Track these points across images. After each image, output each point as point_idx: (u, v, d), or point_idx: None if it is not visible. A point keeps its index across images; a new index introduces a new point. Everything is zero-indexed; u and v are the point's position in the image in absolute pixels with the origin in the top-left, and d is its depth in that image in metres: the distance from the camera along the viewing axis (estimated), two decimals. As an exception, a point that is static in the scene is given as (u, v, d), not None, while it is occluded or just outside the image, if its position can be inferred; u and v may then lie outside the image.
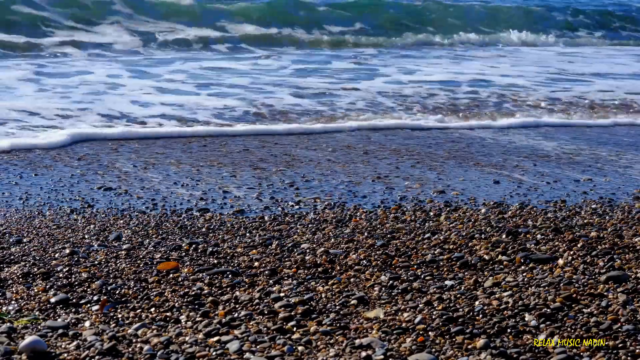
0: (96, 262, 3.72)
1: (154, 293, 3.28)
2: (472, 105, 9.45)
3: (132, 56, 13.56)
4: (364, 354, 2.57)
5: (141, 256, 3.83)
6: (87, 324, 2.96)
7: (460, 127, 8.20)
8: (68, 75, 10.57)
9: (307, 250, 3.88)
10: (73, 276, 3.51)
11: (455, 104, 9.45)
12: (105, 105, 8.48)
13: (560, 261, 3.52)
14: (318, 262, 3.67)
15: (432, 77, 11.57)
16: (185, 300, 3.18)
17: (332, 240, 4.10)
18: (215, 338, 2.74)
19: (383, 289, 3.25)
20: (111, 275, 3.53)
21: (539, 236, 4.01)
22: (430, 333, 2.73)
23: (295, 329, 2.84)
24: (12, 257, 3.82)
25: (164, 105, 8.64)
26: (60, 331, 2.83)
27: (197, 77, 10.90)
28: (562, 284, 3.15)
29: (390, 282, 3.32)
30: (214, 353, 2.62)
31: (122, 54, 13.68)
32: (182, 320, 2.97)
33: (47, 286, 3.38)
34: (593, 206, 4.94)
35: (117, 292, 3.31)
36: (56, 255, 3.85)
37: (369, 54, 14.81)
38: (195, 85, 10.17)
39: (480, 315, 2.86)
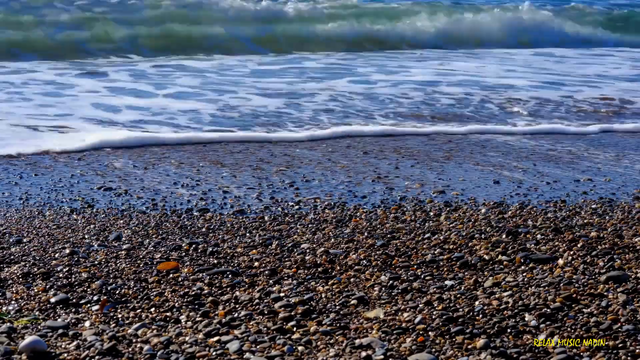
0: (96, 262, 3.72)
1: (154, 293, 3.28)
2: (465, 107, 9.46)
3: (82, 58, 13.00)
4: (364, 354, 2.57)
5: (141, 256, 3.83)
6: (87, 324, 2.96)
7: (458, 131, 8.20)
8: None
9: (307, 250, 3.88)
10: (73, 276, 3.51)
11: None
12: (82, 111, 8.12)
13: (560, 261, 3.52)
14: (318, 262, 3.67)
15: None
16: (185, 300, 3.18)
17: (332, 240, 4.10)
18: (215, 338, 2.74)
19: (383, 289, 3.25)
20: (111, 275, 3.53)
21: (539, 236, 4.01)
22: (430, 333, 2.73)
23: (295, 329, 2.84)
24: (12, 257, 3.82)
25: (135, 109, 8.30)
26: (60, 331, 2.84)
27: (151, 77, 10.48)
28: (562, 284, 3.15)
29: (390, 282, 3.32)
30: (214, 353, 2.62)
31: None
32: (182, 320, 2.97)
33: (47, 286, 3.38)
34: (593, 206, 4.94)
35: (117, 292, 3.31)
36: (56, 255, 3.86)
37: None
38: (155, 86, 9.78)
39: (480, 315, 2.86)
